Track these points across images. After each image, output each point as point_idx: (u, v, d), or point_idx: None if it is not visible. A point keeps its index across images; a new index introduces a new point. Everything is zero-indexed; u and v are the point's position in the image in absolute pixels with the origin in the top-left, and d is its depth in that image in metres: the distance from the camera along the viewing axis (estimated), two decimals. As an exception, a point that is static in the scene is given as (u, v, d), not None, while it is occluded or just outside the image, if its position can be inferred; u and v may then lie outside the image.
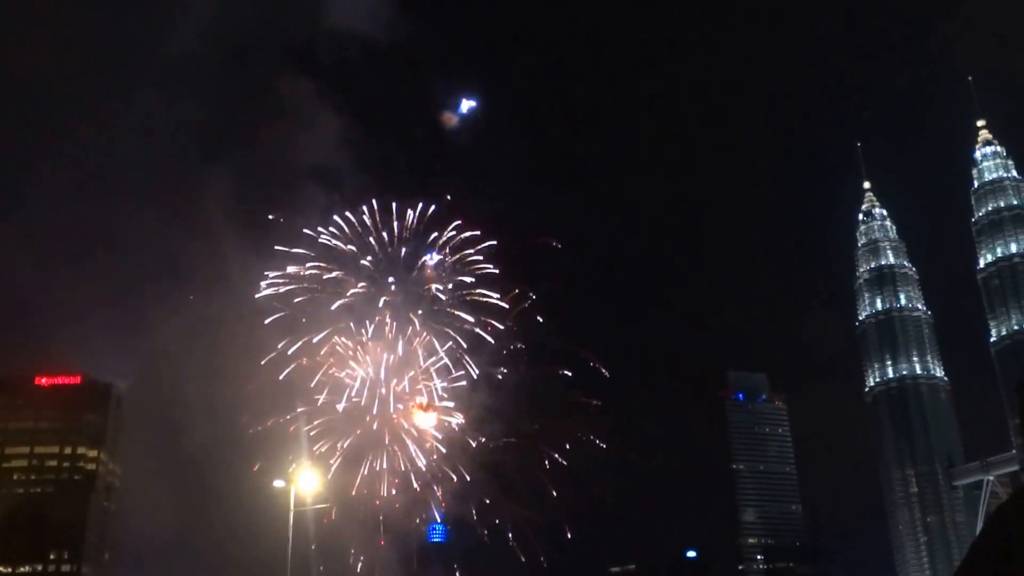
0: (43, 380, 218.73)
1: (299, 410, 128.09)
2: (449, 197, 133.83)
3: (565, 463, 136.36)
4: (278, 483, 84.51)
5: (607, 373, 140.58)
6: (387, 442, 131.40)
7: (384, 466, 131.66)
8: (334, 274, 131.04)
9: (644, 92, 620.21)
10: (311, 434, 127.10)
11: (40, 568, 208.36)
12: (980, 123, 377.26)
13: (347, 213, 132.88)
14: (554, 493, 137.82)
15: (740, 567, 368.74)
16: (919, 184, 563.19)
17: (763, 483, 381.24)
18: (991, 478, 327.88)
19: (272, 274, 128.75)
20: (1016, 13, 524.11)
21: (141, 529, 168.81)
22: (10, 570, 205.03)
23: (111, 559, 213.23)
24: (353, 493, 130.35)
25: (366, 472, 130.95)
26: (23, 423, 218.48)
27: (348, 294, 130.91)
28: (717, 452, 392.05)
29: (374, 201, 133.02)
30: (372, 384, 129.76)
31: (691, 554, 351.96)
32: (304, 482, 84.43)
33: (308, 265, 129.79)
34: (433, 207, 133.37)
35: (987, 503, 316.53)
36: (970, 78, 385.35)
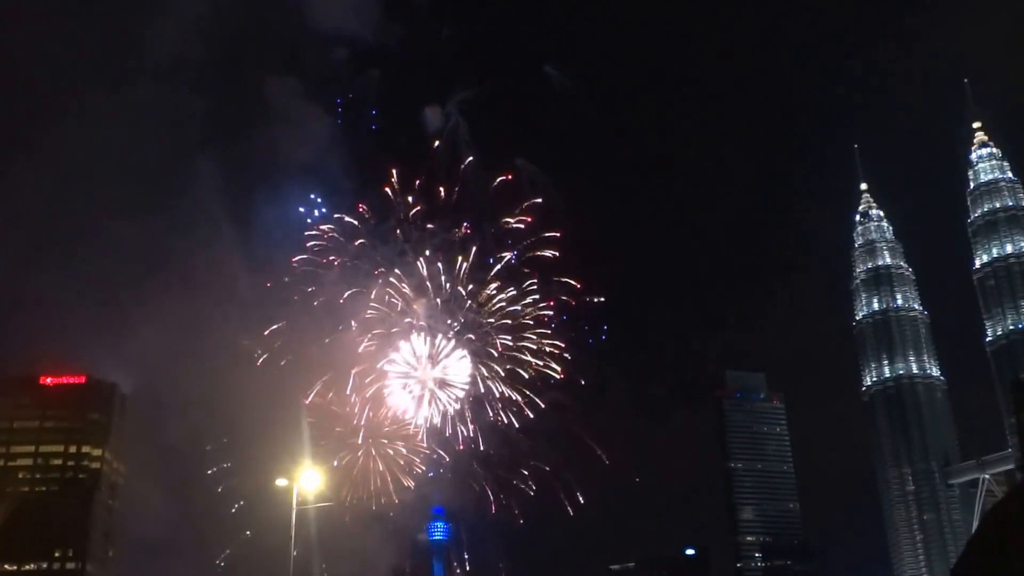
0: (48, 380, 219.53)
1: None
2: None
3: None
4: (280, 482, 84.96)
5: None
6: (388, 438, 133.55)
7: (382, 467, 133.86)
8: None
9: (641, 92, 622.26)
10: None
11: (45, 566, 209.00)
12: (976, 125, 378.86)
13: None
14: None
15: (739, 564, 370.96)
16: (916, 185, 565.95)
17: (761, 482, 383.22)
18: (987, 476, 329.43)
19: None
20: (1012, 16, 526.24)
21: (145, 527, 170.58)
22: (15, 567, 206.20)
23: (115, 557, 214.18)
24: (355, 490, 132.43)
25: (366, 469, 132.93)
26: (28, 422, 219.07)
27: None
28: (715, 451, 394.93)
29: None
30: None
31: (690, 552, 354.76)
32: (306, 480, 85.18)
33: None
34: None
35: (983, 501, 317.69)
36: (966, 80, 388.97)
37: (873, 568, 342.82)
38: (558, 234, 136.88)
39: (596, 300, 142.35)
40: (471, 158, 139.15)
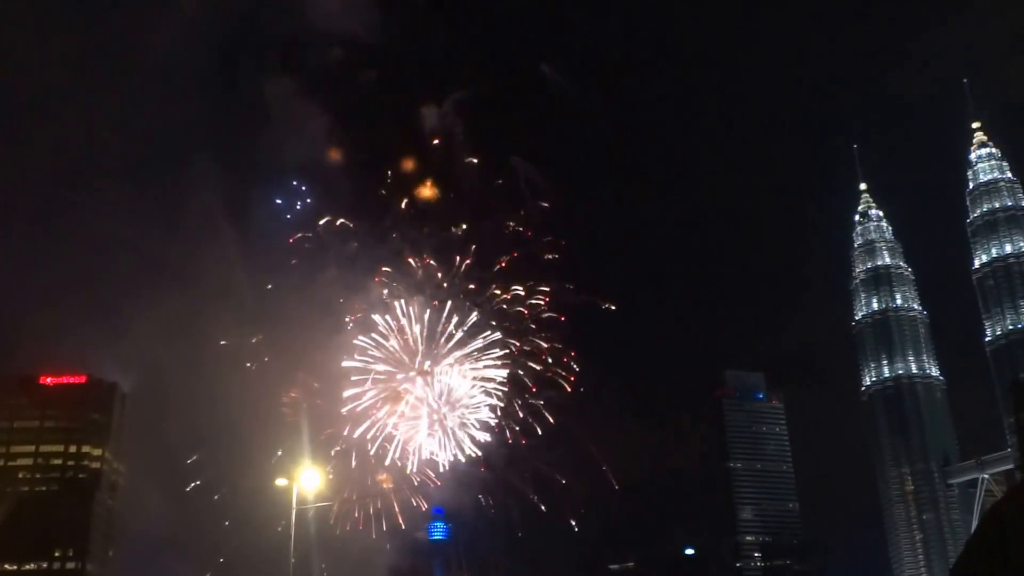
0: (48, 379, 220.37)
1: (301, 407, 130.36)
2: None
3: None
4: (280, 481, 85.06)
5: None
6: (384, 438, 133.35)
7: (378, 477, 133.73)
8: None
9: (641, 93, 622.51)
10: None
11: (45, 566, 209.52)
12: (975, 125, 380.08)
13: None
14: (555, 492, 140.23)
15: (738, 564, 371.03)
16: (915, 185, 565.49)
17: (761, 481, 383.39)
18: (986, 476, 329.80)
19: None
20: (1012, 16, 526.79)
21: (145, 527, 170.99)
22: (16, 567, 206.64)
23: (115, 556, 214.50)
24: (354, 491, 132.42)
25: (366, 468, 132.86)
26: (29, 422, 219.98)
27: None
28: (715, 451, 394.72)
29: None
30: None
31: (690, 551, 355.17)
32: (306, 480, 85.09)
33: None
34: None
35: (982, 501, 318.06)
36: (965, 80, 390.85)
37: (873, 568, 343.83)
38: (556, 236, 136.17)
39: (606, 306, 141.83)
40: (469, 158, 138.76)
